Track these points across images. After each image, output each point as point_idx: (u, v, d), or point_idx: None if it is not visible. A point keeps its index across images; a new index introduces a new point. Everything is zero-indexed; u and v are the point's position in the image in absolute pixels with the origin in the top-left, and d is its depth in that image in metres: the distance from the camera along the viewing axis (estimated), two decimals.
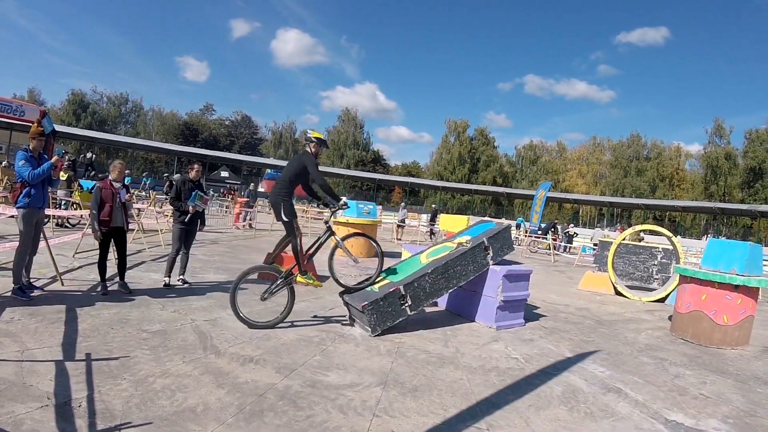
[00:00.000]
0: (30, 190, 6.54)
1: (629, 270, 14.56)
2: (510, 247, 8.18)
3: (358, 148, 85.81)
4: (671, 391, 5.49)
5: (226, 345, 5.44)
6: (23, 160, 6.51)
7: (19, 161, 6.52)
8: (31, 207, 6.57)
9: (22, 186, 6.55)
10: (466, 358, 5.91)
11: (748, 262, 8.03)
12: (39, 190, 6.66)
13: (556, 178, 75.66)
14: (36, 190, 6.61)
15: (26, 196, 6.53)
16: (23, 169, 6.45)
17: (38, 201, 6.67)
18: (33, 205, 6.59)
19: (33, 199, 6.57)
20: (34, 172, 6.48)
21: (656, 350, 7.33)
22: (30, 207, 6.55)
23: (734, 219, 61.13)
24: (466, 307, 8.03)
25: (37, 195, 6.62)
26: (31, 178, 6.46)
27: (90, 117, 75.82)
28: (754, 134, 65.80)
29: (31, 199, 6.55)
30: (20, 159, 6.53)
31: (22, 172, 6.46)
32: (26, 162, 6.50)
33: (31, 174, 6.45)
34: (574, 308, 10.21)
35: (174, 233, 8.46)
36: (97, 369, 4.38)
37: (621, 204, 64.40)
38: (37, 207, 6.68)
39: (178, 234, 8.38)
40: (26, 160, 6.51)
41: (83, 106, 77.08)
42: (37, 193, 6.62)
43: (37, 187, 6.63)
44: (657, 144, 75.67)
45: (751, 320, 8.21)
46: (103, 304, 6.54)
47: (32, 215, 6.61)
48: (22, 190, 6.54)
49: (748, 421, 4.82)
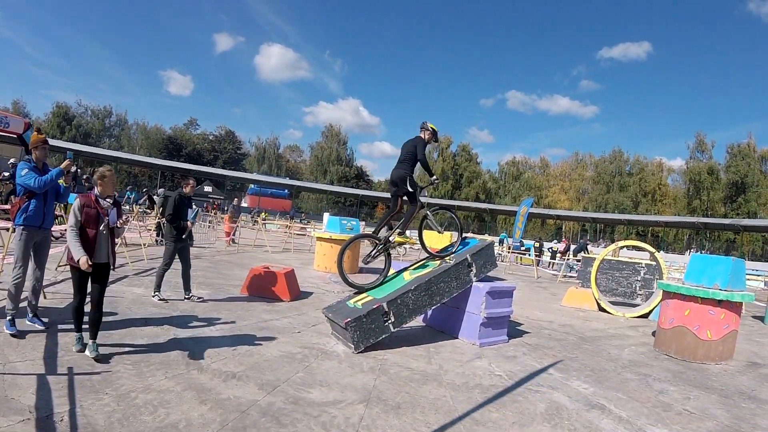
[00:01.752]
0: (29, 206, 5.75)
1: (612, 286, 14.64)
2: (493, 263, 8.18)
3: (341, 164, 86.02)
4: (655, 407, 5.49)
5: (208, 361, 5.37)
6: (26, 169, 5.75)
7: (21, 171, 5.76)
8: (29, 225, 5.74)
9: (21, 200, 5.78)
10: (449, 375, 5.88)
11: (731, 276, 8.08)
12: (39, 205, 5.84)
13: (539, 194, 76.38)
14: (36, 204, 5.80)
15: (24, 213, 5.73)
16: (28, 177, 5.69)
17: (37, 218, 5.81)
18: (31, 223, 5.74)
19: (31, 216, 5.74)
20: (42, 179, 5.74)
21: (640, 366, 7.34)
22: (27, 225, 5.73)
23: (717, 233, 61.81)
24: (450, 323, 8.00)
25: (36, 210, 5.79)
26: (38, 185, 5.69)
27: (74, 130, 75.15)
28: (736, 148, 66.89)
29: (29, 216, 5.73)
30: (22, 168, 5.79)
31: (27, 181, 5.68)
32: (30, 171, 5.75)
33: (38, 181, 5.70)
34: (558, 324, 10.22)
35: (168, 250, 8.41)
36: (79, 383, 4.32)
37: (604, 220, 64.92)
38: (35, 225, 5.81)
39: (172, 250, 8.35)
40: (30, 170, 5.76)
41: (68, 119, 76.43)
42: (36, 209, 5.79)
43: (38, 201, 5.82)
44: (639, 159, 76.73)
45: (735, 335, 8.26)
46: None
47: (30, 235, 5.77)
48: (20, 205, 5.75)
49: None
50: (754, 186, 63.95)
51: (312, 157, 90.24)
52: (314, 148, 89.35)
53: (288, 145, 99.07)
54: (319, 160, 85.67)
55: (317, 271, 14.94)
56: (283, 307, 8.76)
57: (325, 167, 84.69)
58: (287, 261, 16.15)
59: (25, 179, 5.71)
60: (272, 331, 6.89)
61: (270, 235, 24.93)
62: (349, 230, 15.49)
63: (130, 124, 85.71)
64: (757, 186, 63.99)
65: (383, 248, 7.87)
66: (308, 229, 29.63)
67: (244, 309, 8.21)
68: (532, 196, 62.45)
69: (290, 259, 17.57)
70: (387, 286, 7.42)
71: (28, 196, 5.79)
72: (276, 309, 8.51)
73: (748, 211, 62.46)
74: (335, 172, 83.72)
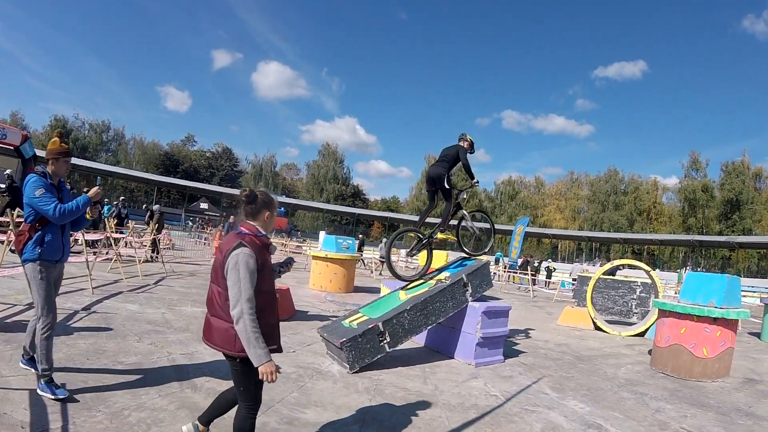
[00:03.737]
0: (44, 236, 4.48)
1: (608, 305, 14.62)
2: (489, 283, 8.19)
3: (338, 183, 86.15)
4: (652, 425, 5.47)
5: (203, 380, 5.33)
6: (41, 188, 4.42)
7: (34, 190, 4.39)
8: (45, 260, 4.47)
9: (32, 229, 4.47)
10: (445, 395, 5.84)
11: (727, 294, 8.10)
12: (57, 235, 4.59)
13: (535, 213, 76.56)
14: (53, 235, 4.54)
15: (38, 244, 4.44)
16: (45, 202, 4.38)
17: (56, 251, 4.59)
18: (48, 257, 4.49)
19: (48, 249, 4.49)
20: (63, 208, 4.44)
21: (636, 385, 7.33)
22: (43, 260, 4.46)
23: (712, 251, 61.98)
24: (445, 343, 7.98)
25: (53, 243, 4.54)
26: (58, 216, 4.40)
27: (72, 143, 74.69)
28: (730, 166, 67.33)
29: (45, 249, 4.47)
30: (36, 187, 4.41)
31: (43, 207, 4.37)
32: (46, 191, 4.43)
33: (58, 209, 4.40)
34: (554, 344, 10.19)
35: None
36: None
37: (599, 238, 65.10)
38: (53, 260, 4.57)
39: None
40: (45, 189, 4.44)
41: (65, 132, 75.78)
42: (53, 240, 4.54)
43: (55, 231, 4.57)
44: (634, 178, 77.06)
45: (731, 352, 8.26)
46: (80, 334, 6.39)
47: (47, 271, 4.49)
48: (31, 234, 4.46)
49: None
50: (748, 203, 64.25)
51: (308, 176, 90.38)
52: (311, 167, 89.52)
53: (285, 163, 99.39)
54: (316, 178, 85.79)
55: (312, 289, 14.89)
56: None
57: (322, 185, 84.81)
58: (282, 280, 16.05)
59: (41, 204, 4.38)
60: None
61: None
62: (345, 249, 15.48)
63: (128, 139, 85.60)
64: (751, 203, 64.31)
65: (426, 243, 8.28)
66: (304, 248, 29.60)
67: None
68: (528, 215, 62.63)
69: (285, 277, 17.49)
70: (382, 306, 7.41)
71: (41, 224, 4.49)
72: None
73: (743, 228, 62.71)
74: (332, 191, 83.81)
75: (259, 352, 2.99)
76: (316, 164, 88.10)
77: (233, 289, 3.04)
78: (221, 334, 3.16)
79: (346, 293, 14.40)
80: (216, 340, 3.20)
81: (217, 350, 3.21)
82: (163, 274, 13.46)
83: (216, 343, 3.20)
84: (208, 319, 3.29)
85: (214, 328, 3.21)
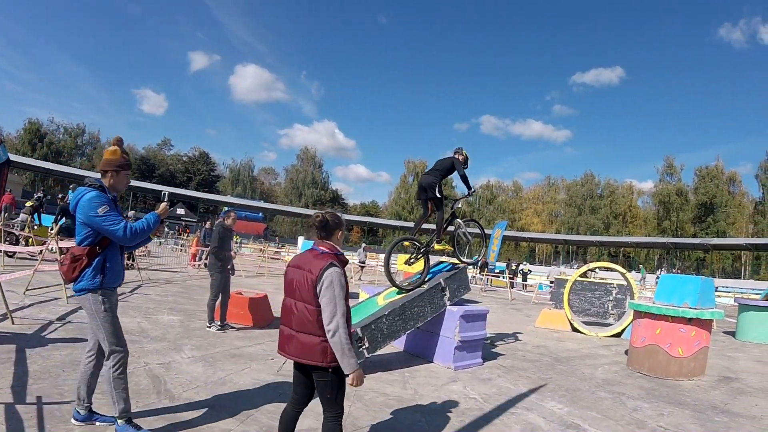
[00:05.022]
0: (104, 261, 3.95)
1: (585, 306, 14.76)
2: (466, 287, 8.25)
3: (316, 187, 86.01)
4: (629, 424, 5.54)
5: (180, 390, 5.26)
6: (105, 205, 3.84)
7: (97, 207, 3.80)
8: (107, 288, 3.98)
9: (91, 253, 3.89)
10: (424, 399, 5.86)
11: (701, 295, 8.26)
12: (117, 258, 4.09)
13: (513, 217, 77.19)
14: (114, 258, 4.04)
15: (98, 271, 3.91)
16: (111, 221, 3.82)
17: (117, 276, 4.11)
18: (110, 285, 4.01)
19: (110, 275, 4.00)
20: (134, 228, 3.94)
21: (614, 385, 7.41)
22: (105, 288, 3.95)
23: (687, 253, 62.95)
24: (424, 347, 7.99)
25: (114, 267, 4.04)
26: (129, 236, 3.89)
27: (46, 148, 73.44)
28: (704, 171, 68.56)
29: (107, 275, 3.96)
30: (100, 203, 3.83)
31: (110, 227, 3.81)
32: (110, 209, 3.86)
33: (130, 230, 3.88)
34: (532, 346, 10.27)
35: (216, 280, 8.65)
36: (49, 413, 4.21)
37: (576, 241, 65.71)
38: (114, 287, 4.10)
39: (219, 281, 8.63)
40: (109, 206, 3.87)
41: (40, 136, 74.55)
42: (114, 265, 4.04)
43: (116, 254, 4.07)
44: (610, 182, 78.01)
45: (706, 351, 8.41)
46: (55, 346, 6.29)
47: (110, 301, 4.02)
48: (90, 260, 3.89)
49: None
50: (722, 206, 65.40)
51: (287, 180, 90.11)
52: (289, 171, 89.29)
53: (263, 168, 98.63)
54: (294, 183, 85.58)
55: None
56: (256, 333, 8.67)
57: (300, 190, 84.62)
58: (261, 286, 16.01)
59: (107, 224, 3.81)
60: (245, 359, 6.81)
61: (244, 259, 24.73)
62: None
63: (103, 143, 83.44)
64: (725, 206, 65.50)
65: (423, 251, 8.28)
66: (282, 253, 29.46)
67: (216, 336, 8.10)
68: (506, 219, 63.04)
69: (264, 284, 17.43)
70: (361, 311, 7.39)
71: (101, 246, 3.93)
72: (249, 336, 8.41)
73: (717, 231, 63.75)
74: (310, 196, 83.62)
75: (351, 361, 3.26)
76: (295, 169, 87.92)
77: (329, 306, 3.26)
78: (311, 348, 3.33)
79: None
80: (304, 354, 3.36)
81: (302, 363, 3.41)
82: (139, 281, 13.33)
83: (304, 356, 3.37)
84: (294, 336, 3.42)
85: (304, 343, 3.36)
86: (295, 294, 3.43)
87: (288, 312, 3.48)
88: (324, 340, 3.29)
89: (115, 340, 3.96)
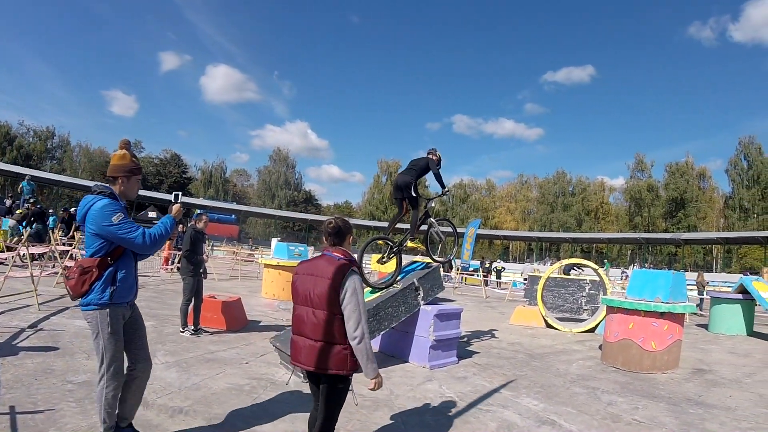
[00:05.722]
0: (116, 273, 3.66)
1: (559, 302, 14.89)
2: (440, 286, 8.29)
3: (289, 189, 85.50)
4: (604, 418, 5.59)
5: (154, 396, 5.18)
6: (119, 212, 3.61)
7: (111, 216, 3.56)
8: (116, 303, 3.66)
9: (102, 265, 3.61)
10: (400, 399, 5.85)
11: (672, 289, 8.36)
12: (130, 269, 3.80)
13: (486, 216, 77.51)
14: (127, 270, 3.74)
15: (108, 284, 3.62)
16: (128, 229, 3.60)
17: (129, 290, 3.80)
18: (120, 299, 3.69)
19: (122, 289, 3.69)
20: (153, 234, 3.72)
21: (588, 380, 7.48)
22: (114, 303, 3.64)
23: (659, 248, 63.87)
24: (399, 347, 7.99)
25: (127, 279, 3.75)
26: (149, 244, 3.70)
27: (15, 151, 71.49)
28: (674, 167, 69.61)
29: (117, 289, 3.66)
30: (113, 211, 3.58)
31: (127, 235, 3.59)
32: (124, 215, 3.64)
33: (149, 236, 3.68)
34: (507, 343, 10.32)
35: (188, 285, 8.55)
36: (22, 423, 4.12)
37: (549, 239, 66.29)
38: (126, 302, 3.77)
39: (192, 284, 8.53)
40: (123, 214, 3.65)
41: (9, 139, 72.74)
42: (127, 276, 3.74)
43: (129, 265, 3.77)
44: (582, 180, 78.78)
45: (679, 344, 8.54)
46: (27, 354, 6.17)
47: (118, 319, 3.70)
48: (101, 272, 3.60)
49: None
50: (693, 201, 66.49)
51: (259, 182, 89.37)
52: (262, 172, 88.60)
53: (235, 169, 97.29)
54: (267, 184, 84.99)
55: (265, 298, 14.73)
56: (230, 337, 8.59)
57: (273, 191, 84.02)
58: (234, 289, 15.89)
59: (124, 232, 3.58)
60: (219, 363, 6.75)
61: (216, 262, 24.49)
62: (297, 256, 15.38)
63: (73, 146, 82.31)
64: (696, 201, 66.60)
65: (397, 250, 8.24)
66: (256, 256, 29.25)
67: (190, 340, 8.01)
68: (479, 218, 63.39)
69: (237, 287, 17.30)
70: None
71: (113, 257, 3.65)
72: (223, 340, 8.33)
73: (688, 226, 64.76)
74: (283, 197, 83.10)
75: (374, 366, 3.36)
76: (267, 170, 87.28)
77: (355, 313, 3.25)
78: (334, 357, 3.30)
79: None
80: (324, 363, 3.31)
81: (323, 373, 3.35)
82: None
83: (323, 365, 3.32)
84: (312, 345, 3.35)
85: (324, 352, 3.31)
86: (311, 302, 3.35)
87: (304, 321, 3.40)
88: (346, 348, 3.29)
89: (114, 364, 3.66)
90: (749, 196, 63.47)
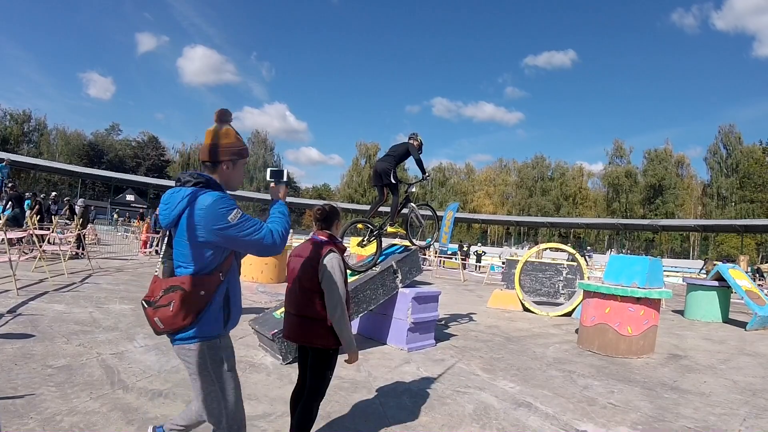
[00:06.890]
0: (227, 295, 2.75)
1: (536, 286, 15.03)
2: (418, 269, 8.31)
3: None
4: (580, 402, 5.68)
5: (134, 379, 5.19)
6: (235, 208, 2.56)
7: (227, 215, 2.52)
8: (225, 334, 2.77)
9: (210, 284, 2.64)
10: (378, 381, 5.91)
11: (649, 275, 8.46)
12: (239, 287, 2.93)
13: (465, 199, 77.88)
14: (237, 289, 2.88)
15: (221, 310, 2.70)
16: (252, 228, 2.58)
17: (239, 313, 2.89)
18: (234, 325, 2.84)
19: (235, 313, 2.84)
20: (279, 229, 2.71)
21: (564, 363, 7.58)
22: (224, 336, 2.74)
23: (636, 234, 64.67)
24: (378, 330, 8.04)
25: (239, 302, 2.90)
26: (279, 243, 2.66)
27: None
28: (653, 153, 70.53)
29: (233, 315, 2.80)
30: (229, 209, 2.54)
31: (252, 237, 2.58)
32: (240, 211, 2.58)
33: (278, 234, 2.68)
34: (484, 326, 10.42)
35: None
36: (2, 407, 4.11)
37: (527, 223, 66.84)
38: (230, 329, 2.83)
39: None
40: (238, 208, 2.58)
41: None
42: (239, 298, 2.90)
43: (236, 277, 2.89)
44: (561, 165, 79.52)
45: (655, 330, 8.66)
46: (6, 339, 6.11)
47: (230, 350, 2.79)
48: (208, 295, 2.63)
49: (656, 426, 5.07)
50: (671, 188, 67.31)
51: None
52: None
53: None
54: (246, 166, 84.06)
55: (244, 281, 14.65)
56: None
57: (252, 174, 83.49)
58: None
59: (250, 234, 2.58)
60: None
61: None
62: None
63: (50, 129, 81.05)
64: (674, 188, 67.47)
65: (376, 234, 8.28)
66: None
67: None
68: (458, 201, 63.62)
69: None
70: None
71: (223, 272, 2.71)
72: None
73: (665, 212, 65.65)
74: (262, 179, 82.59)
75: (352, 340, 3.56)
76: None
77: (331, 290, 3.46)
78: (316, 331, 3.54)
79: (278, 284, 14.28)
80: (309, 337, 3.58)
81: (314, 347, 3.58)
82: (90, 271, 12.99)
83: (309, 339, 3.58)
84: (298, 320, 3.61)
85: (308, 327, 3.56)
86: (297, 281, 3.61)
87: (291, 298, 3.68)
88: (326, 323, 3.48)
89: (237, 416, 2.82)
90: (727, 185, 64.42)
